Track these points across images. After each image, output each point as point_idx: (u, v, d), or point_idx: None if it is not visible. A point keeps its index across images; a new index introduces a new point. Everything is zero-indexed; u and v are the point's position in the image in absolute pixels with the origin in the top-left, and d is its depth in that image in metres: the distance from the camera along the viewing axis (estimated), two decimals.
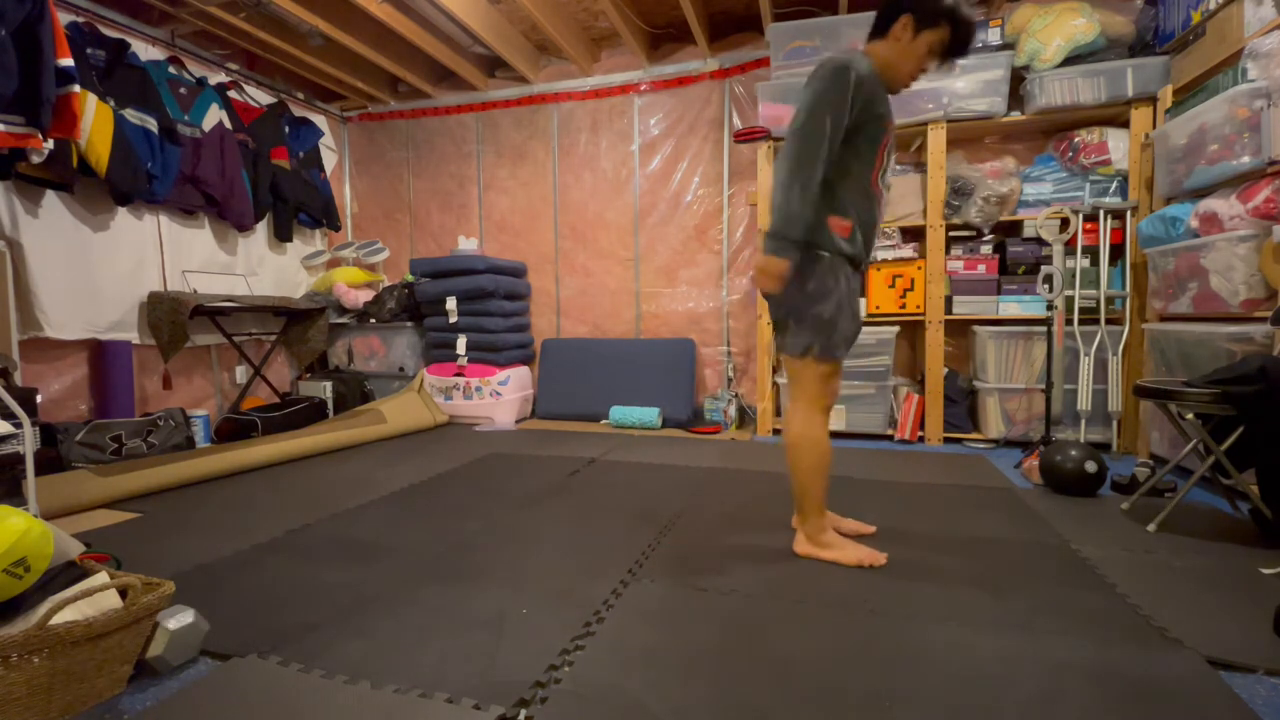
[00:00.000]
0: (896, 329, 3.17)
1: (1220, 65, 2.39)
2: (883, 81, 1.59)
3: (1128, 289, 2.88)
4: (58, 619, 1.02)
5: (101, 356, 3.03)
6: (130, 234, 3.13)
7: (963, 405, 3.21)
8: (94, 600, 1.09)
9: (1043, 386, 2.93)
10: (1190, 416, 1.81)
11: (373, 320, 4.09)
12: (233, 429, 3.30)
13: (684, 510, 2.09)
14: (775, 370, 3.48)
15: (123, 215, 3.09)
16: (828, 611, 1.39)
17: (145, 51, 3.16)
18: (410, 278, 4.07)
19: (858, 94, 1.51)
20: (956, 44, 1.56)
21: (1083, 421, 2.86)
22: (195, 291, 3.34)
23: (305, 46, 3.55)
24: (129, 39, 3.03)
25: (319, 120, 4.24)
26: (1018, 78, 3.03)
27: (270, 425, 3.31)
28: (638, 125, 4.01)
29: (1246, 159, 2.11)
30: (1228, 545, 1.74)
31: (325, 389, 3.78)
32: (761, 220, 3.39)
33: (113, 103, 2.87)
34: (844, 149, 1.55)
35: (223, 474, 2.61)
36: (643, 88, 3.98)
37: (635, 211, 4.06)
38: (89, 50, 2.86)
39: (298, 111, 4.12)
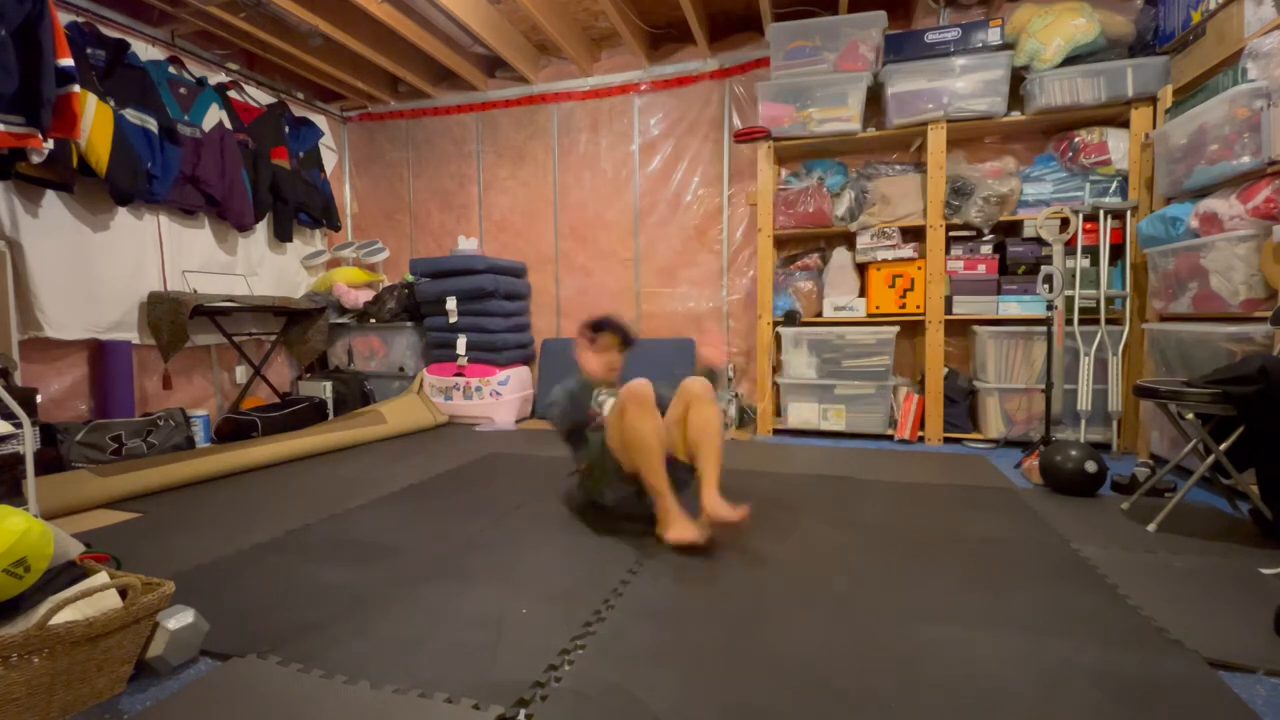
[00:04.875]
0: (896, 329, 3.17)
1: (1220, 65, 2.39)
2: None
3: (1128, 289, 2.87)
4: (58, 619, 1.02)
5: (101, 356, 3.03)
6: (130, 234, 3.13)
7: (963, 405, 3.21)
8: (94, 600, 1.09)
9: (1043, 386, 2.93)
10: (1190, 416, 1.81)
11: (373, 320, 4.09)
12: (233, 429, 3.30)
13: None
14: (775, 370, 3.48)
15: (123, 215, 3.09)
16: (828, 611, 1.39)
17: (145, 51, 3.17)
18: (410, 278, 4.07)
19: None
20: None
21: (1083, 421, 2.86)
22: (195, 291, 3.34)
23: (305, 46, 3.54)
24: (129, 39, 3.03)
25: (319, 120, 4.24)
26: (1018, 78, 3.03)
27: (270, 425, 3.31)
28: (638, 125, 4.01)
29: (1246, 159, 2.11)
30: (1228, 545, 1.74)
31: (325, 389, 3.78)
32: (762, 220, 3.39)
33: (113, 103, 2.87)
34: None
35: (223, 474, 2.61)
36: (643, 88, 3.98)
37: (635, 212, 4.05)
38: (89, 50, 2.86)
39: (298, 111, 4.12)
